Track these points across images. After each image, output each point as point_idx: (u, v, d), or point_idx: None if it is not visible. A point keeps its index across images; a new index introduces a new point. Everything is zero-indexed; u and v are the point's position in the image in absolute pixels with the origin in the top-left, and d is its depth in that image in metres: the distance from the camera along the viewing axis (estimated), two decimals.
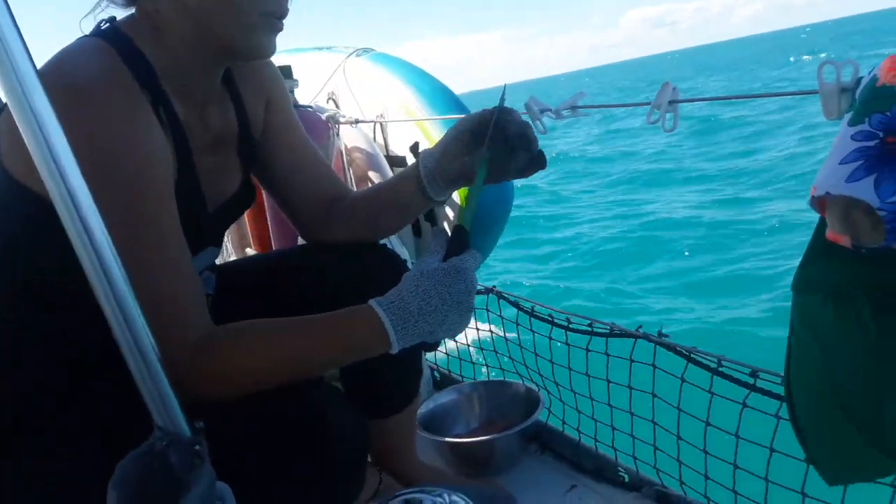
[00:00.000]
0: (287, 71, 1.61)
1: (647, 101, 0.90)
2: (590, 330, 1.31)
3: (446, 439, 1.38)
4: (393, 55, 1.75)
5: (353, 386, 1.15)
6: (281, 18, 0.84)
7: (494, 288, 1.60)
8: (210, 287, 1.03)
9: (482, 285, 1.57)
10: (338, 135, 1.62)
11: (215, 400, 0.76)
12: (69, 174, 0.53)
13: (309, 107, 1.66)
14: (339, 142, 1.62)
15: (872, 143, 0.58)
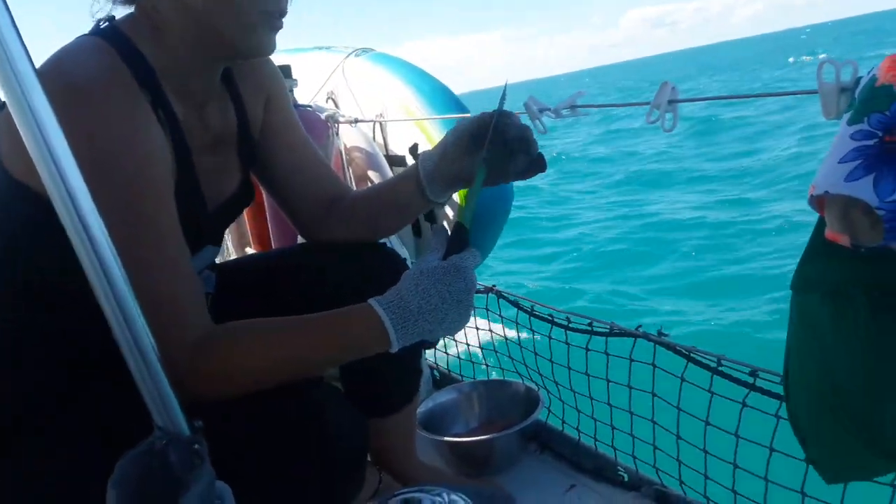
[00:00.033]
0: (286, 70, 1.61)
1: (647, 101, 0.90)
2: (589, 329, 1.31)
3: (446, 439, 1.38)
4: (392, 55, 1.75)
5: (352, 385, 1.15)
6: (281, 17, 0.84)
7: (494, 287, 1.60)
8: (210, 286, 1.03)
9: (482, 284, 1.57)
10: (337, 134, 1.62)
11: (214, 399, 0.76)
12: (68, 173, 0.53)
13: (308, 106, 1.66)
14: (338, 141, 1.62)
15: (871, 143, 0.58)
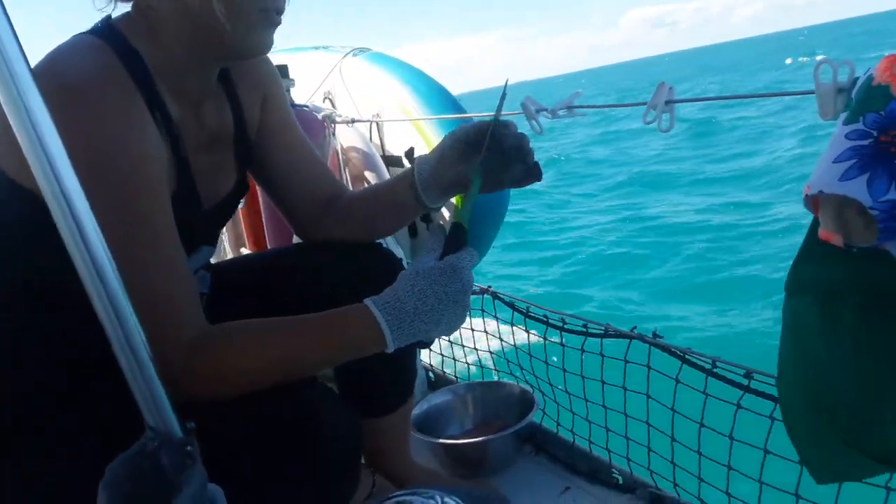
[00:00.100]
0: (283, 70, 1.60)
1: (644, 102, 0.90)
2: (584, 331, 1.31)
3: (440, 440, 1.37)
4: (389, 55, 1.75)
5: (347, 385, 1.15)
6: (279, 14, 0.84)
7: (490, 288, 1.60)
8: (205, 286, 1.03)
9: (478, 285, 1.57)
10: (334, 134, 1.61)
11: (209, 399, 0.76)
12: (63, 173, 0.53)
13: (305, 106, 1.66)
14: (335, 141, 1.61)
15: (866, 142, 0.58)
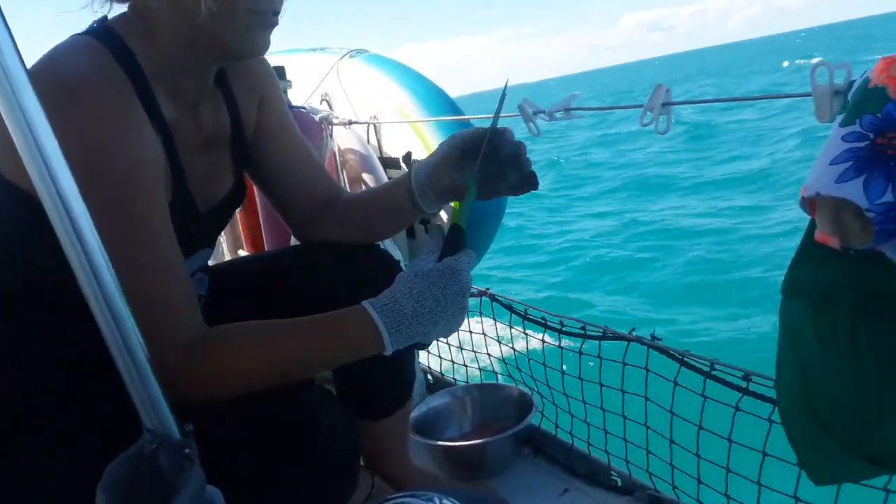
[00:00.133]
0: (281, 72, 1.60)
1: (640, 104, 0.90)
2: (583, 333, 1.30)
3: (439, 443, 1.37)
4: (386, 56, 1.75)
5: (345, 387, 1.15)
6: (276, 14, 0.84)
7: (488, 290, 1.60)
8: (203, 288, 1.02)
9: (476, 288, 1.57)
10: (331, 136, 1.61)
11: (206, 401, 0.75)
12: (59, 174, 0.53)
13: (302, 108, 1.66)
14: (332, 143, 1.61)
15: (863, 144, 0.58)
